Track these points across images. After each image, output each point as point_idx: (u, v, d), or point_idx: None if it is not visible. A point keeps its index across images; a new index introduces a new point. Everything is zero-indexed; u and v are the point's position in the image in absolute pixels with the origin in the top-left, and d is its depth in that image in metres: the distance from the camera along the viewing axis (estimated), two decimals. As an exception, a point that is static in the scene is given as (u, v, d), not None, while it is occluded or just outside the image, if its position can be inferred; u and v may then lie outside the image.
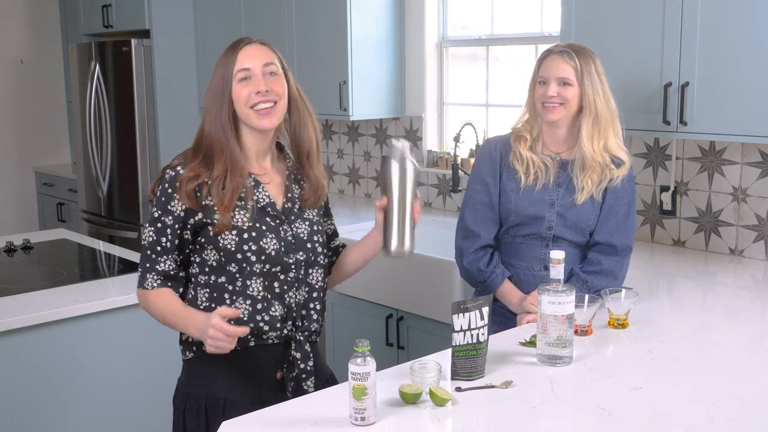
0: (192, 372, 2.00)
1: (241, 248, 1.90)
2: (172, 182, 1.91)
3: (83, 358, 2.63)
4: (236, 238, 1.90)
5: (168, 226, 1.91)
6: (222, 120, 1.92)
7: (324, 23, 4.13)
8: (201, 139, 1.95)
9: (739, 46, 2.64)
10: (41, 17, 6.18)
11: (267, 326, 1.94)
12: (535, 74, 2.37)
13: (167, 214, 1.91)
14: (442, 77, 4.22)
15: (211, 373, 1.96)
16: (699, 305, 2.60)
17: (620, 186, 2.37)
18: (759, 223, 3.01)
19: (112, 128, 4.98)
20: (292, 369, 1.98)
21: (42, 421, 2.56)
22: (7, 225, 6.07)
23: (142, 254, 1.95)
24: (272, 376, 1.98)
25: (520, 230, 2.40)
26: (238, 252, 1.91)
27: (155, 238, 1.92)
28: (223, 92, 1.92)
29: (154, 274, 1.94)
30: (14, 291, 2.72)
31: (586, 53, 2.32)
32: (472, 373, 1.89)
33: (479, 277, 2.41)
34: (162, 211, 1.91)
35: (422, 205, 4.24)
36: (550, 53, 2.33)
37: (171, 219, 1.91)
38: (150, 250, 1.93)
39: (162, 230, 1.91)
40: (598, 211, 2.38)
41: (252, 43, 1.94)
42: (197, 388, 1.97)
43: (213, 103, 1.93)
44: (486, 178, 2.42)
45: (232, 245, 1.90)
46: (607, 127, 2.32)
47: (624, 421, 1.68)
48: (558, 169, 2.38)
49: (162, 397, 2.82)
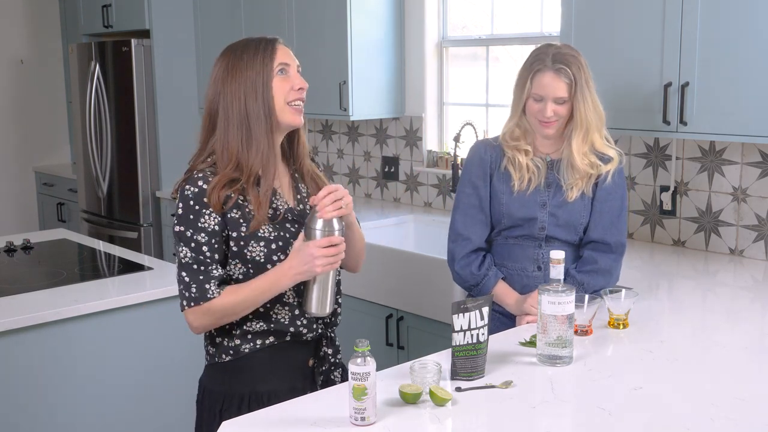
0: (231, 372, 1.97)
1: (271, 259, 1.90)
2: (197, 198, 1.87)
3: (83, 359, 2.63)
4: (264, 250, 1.90)
5: (204, 243, 1.87)
6: (266, 112, 1.88)
7: (324, 23, 4.13)
8: (229, 139, 1.89)
9: (739, 46, 2.64)
10: (41, 17, 6.18)
11: (305, 329, 1.98)
12: (526, 85, 2.29)
13: (199, 232, 1.86)
14: (442, 77, 4.22)
15: (252, 370, 1.96)
16: (699, 305, 2.60)
17: (611, 182, 2.36)
18: (759, 223, 3.01)
19: (112, 128, 4.98)
20: (323, 363, 2.04)
21: (42, 422, 2.56)
22: (7, 225, 6.07)
23: (186, 273, 1.87)
24: (305, 365, 2.02)
25: (512, 232, 2.40)
26: (267, 263, 1.90)
27: (195, 255, 1.87)
28: (264, 85, 1.88)
29: (213, 281, 1.87)
30: (14, 291, 2.72)
31: (577, 62, 2.27)
32: (472, 373, 1.89)
33: (472, 280, 2.41)
34: (193, 229, 1.87)
35: (422, 205, 4.24)
36: (544, 67, 2.26)
37: (205, 235, 1.86)
38: (196, 264, 1.87)
39: (198, 248, 1.86)
40: (590, 207, 2.38)
41: (281, 43, 1.96)
42: (239, 386, 1.96)
43: (250, 98, 1.88)
44: (476, 181, 2.41)
45: (260, 257, 1.90)
46: (594, 132, 2.32)
47: (624, 421, 1.68)
48: (547, 169, 2.38)
49: (162, 397, 2.82)
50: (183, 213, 1.87)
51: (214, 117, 1.94)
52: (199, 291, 1.87)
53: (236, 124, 1.89)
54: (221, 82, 1.92)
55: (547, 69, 2.26)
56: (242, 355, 1.95)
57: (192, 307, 1.88)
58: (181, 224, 1.87)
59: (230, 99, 1.90)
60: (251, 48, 1.92)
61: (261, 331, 1.94)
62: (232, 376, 1.97)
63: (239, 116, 1.89)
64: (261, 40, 1.94)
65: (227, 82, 1.90)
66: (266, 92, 1.89)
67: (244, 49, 1.92)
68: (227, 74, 1.91)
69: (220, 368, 1.98)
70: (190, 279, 1.87)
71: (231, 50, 1.95)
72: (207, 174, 1.89)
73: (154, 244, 4.97)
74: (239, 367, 1.96)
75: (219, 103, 1.92)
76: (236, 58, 1.91)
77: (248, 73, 1.89)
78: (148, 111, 4.89)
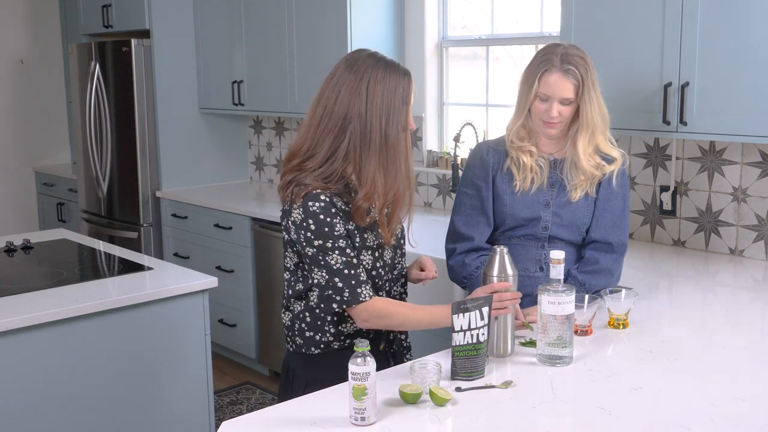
0: (318, 362, 2.09)
1: (375, 265, 2.05)
2: (326, 210, 1.94)
3: (83, 359, 2.63)
4: (371, 258, 2.04)
5: (345, 247, 1.97)
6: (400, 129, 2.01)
7: (324, 23, 4.13)
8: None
9: (739, 45, 2.64)
10: (41, 17, 6.19)
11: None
12: (533, 85, 2.27)
13: (337, 240, 1.96)
14: (442, 77, 4.22)
15: (334, 363, 2.03)
16: (699, 305, 2.60)
17: (615, 183, 2.36)
18: (759, 223, 3.01)
19: (112, 128, 4.98)
20: (392, 345, 2.20)
21: (41, 422, 2.56)
22: (7, 225, 6.07)
23: (338, 279, 1.97)
24: (377, 350, 2.13)
25: (515, 232, 2.39)
26: (373, 269, 2.05)
27: (345, 259, 1.97)
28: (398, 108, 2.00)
29: (365, 285, 1.99)
30: (14, 291, 2.72)
31: (585, 64, 2.26)
32: (472, 373, 1.89)
33: (463, 271, 2.39)
34: (332, 239, 1.96)
35: (422, 205, 4.24)
36: (552, 67, 2.24)
37: (342, 241, 1.97)
38: (347, 269, 1.97)
39: (342, 252, 1.97)
40: (593, 207, 2.38)
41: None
42: (324, 374, 2.04)
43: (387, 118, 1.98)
44: (478, 182, 2.39)
45: (369, 264, 2.04)
46: (598, 134, 2.31)
47: (624, 421, 1.68)
48: (550, 169, 2.37)
49: (162, 397, 2.82)
50: (319, 225, 1.95)
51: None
52: (351, 295, 1.98)
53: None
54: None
55: (555, 69, 2.25)
56: (332, 350, 2.08)
57: (353, 307, 2.00)
58: (323, 238, 1.96)
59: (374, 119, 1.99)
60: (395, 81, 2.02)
61: (353, 332, 2.08)
62: (322, 366, 2.09)
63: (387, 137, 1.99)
64: (395, 69, 2.03)
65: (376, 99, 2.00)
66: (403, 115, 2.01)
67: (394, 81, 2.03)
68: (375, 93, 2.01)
69: (306, 359, 2.11)
70: (344, 282, 1.97)
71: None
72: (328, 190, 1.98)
73: (154, 244, 4.97)
74: (329, 359, 2.08)
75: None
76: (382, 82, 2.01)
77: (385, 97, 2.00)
78: (148, 111, 4.89)
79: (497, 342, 2.04)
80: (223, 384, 4.35)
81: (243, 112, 4.82)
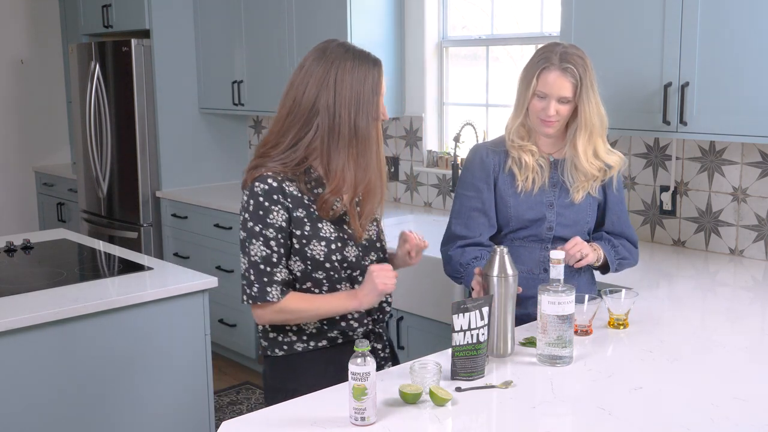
0: (284, 367, 2.05)
1: (330, 258, 1.98)
2: (267, 195, 1.91)
3: (83, 359, 2.62)
4: (325, 249, 1.97)
5: (272, 238, 1.93)
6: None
7: (324, 23, 4.13)
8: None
9: (739, 45, 2.64)
10: (41, 17, 6.18)
11: (356, 323, 2.05)
12: (531, 82, 2.27)
13: (267, 228, 1.92)
14: (442, 77, 4.22)
15: (303, 369, 2.02)
16: (699, 305, 2.60)
17: (616, 185, 2.40)
18: (759, 223, 3.01)
19: (112, 128, 4.98)
20: (373, 357, 2.08)
21: (42, 422, 2.56)
22: (7, 225, 6.07)
23: (252, 271, 1.93)
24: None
25: (519, 233, 2.38)
26: (326, 261, 1.98)
27: (266, 252, 1.93)
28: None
29: (276, 285, 1.94)
30: (14, 291, 2.72)
31: (584, 63, 2.26)
32: (472, 373, 1.89)
33: (461, 258, 2.34)
34: (262, 224, 1.92)
35: (422, 205, 4.24)
36: (551, 65, 2.24)
37: (273, 231, 1.92)
38: (263, 264, 1.93)
39: (266, 242, 1.93)
40: (596, 209, 2.39)
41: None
42: (290, 382, 2.02)
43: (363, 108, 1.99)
44: (479, 184, 2.37)
45: (320, 255, 1.97)
46: (597, 136, 2.31)
47: (624, 421, 1.68)
48: (551, 169, 2.37)
49: (162, 397, 2.82)
50: (254, 208, 1.92)
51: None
52: (260, 291, 1.92)
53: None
54: None
55: (553, 67, 2.24)
56: (295, 353, 2.02)
57: (255, 304, 1.96)
58: (252, 220, 1.93)
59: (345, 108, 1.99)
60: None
61: (316, 332, 2.02)
62: (285, 371, 2.04)
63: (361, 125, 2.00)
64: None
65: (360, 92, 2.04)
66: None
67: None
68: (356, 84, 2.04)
69: (271, 361, 2.06)
70: (255, 277, 1.93)
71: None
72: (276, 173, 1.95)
73: (154, 244, 4.97)
74: (292, 363, 2.03)
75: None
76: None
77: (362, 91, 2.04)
78: (148, 111, 4.89)
79: (497, 342, 2.03)
80: (223, 384, 4.35)
81: (243, 112, 4.82)
